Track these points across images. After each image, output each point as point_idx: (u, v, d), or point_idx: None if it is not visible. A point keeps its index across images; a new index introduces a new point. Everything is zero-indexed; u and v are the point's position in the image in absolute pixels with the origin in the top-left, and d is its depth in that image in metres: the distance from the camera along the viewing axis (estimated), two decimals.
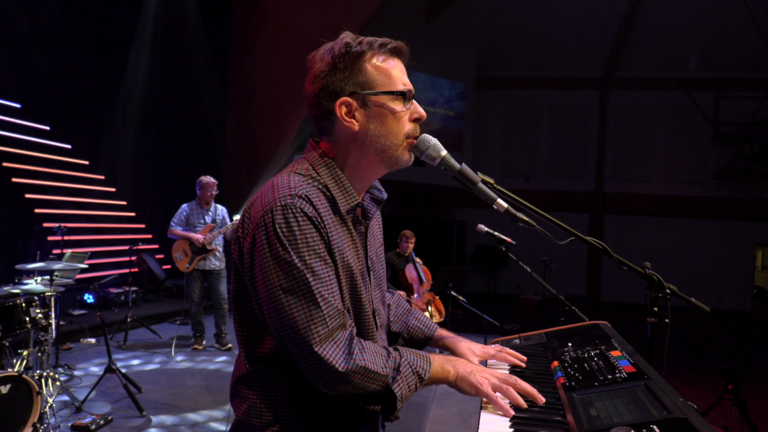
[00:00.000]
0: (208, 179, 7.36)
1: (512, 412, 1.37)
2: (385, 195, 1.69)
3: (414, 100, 1.54)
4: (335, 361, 1.32)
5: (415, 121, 1.54)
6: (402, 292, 7.26)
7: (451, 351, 1.82)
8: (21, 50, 8.72)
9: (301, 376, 1.40)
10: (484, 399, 1.46)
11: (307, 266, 1.34)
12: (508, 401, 1.42)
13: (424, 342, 1.90)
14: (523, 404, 1.40)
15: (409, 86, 1.52)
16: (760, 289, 18.55)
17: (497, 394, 1.43)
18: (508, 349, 1.80)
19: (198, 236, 7.16)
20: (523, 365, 1.72)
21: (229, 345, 7.50)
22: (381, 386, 1.37)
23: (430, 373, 1.44)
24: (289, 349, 1.36)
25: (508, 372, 1.70)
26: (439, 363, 1.47)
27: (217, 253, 7.39)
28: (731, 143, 15.38)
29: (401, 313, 1.93)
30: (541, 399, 1.42)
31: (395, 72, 1.51)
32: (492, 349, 1.82)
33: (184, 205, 7.40)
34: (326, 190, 1.48)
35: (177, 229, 7.27)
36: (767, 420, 5.47)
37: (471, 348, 1.79)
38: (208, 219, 7.35)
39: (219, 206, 7.54)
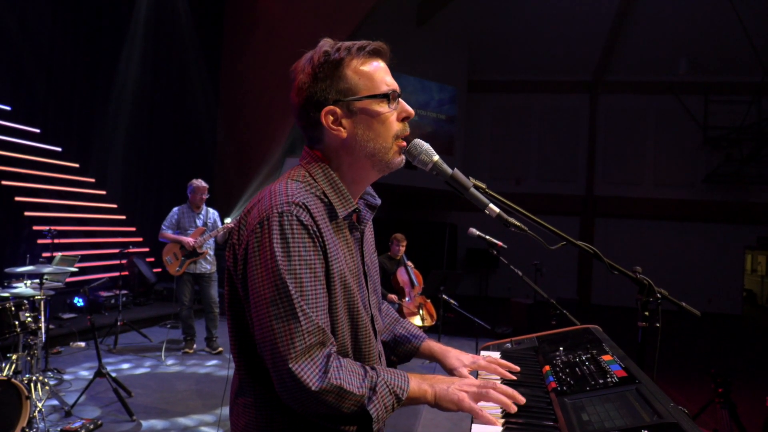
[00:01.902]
0: (199, 183, 7.34)
1: (498, 423, 1.36)
2: (378, 201, 1.68)
3: (401, 99, 1.53)
4: (309, 379, 1.29)
5: (403, 120, 1.53)
6: (393, 296, 7.26)
7: (440, 361, 1.79)
8: (11, 52, 8.68)
9: None
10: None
11: (294, 278, 1.32)
12: (496, 409, 1.40)
13: (412, 352, 1.86)
14: (510, 406, 1.38)
15: (394, 86, 1.51)
16: (750, 292, 18.66)
17: (480, 404, 1.40)
18: (499, 360, 1.78)
19: (189, 239, 7.14)
20: (515, 378, 1.70)
21: (220, 349, 7.47)
22: (356, 406, 1.34)
23: (408, 393, 1.40)
24: (266, 361, 1.34)
25: (500, 381, 1.69)
26: (416, 382, 1.43)
27: (208, 257, 7.37)
28: (720, 147, 15.48)
29: (389, 322, 1.90)
30: (521, 399, 1.40)
31: (377, 74, 1.49)
32: (482, 359, 1.79)
33: (175, 209, 7.38)
34: (324, 196, 1.47)
35: (168, 233, 7.24)
36: (757, 423, 5.50)
37: (460, 358, 1.76)
38: (199, 222, 7.33)
39: (210, 210, 7.52)
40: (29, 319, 4.62)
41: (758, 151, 14.38)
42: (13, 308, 4.52)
